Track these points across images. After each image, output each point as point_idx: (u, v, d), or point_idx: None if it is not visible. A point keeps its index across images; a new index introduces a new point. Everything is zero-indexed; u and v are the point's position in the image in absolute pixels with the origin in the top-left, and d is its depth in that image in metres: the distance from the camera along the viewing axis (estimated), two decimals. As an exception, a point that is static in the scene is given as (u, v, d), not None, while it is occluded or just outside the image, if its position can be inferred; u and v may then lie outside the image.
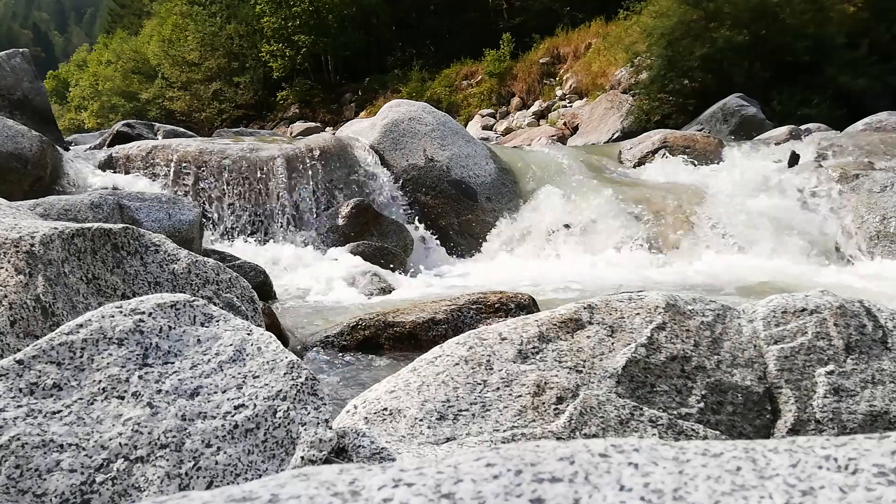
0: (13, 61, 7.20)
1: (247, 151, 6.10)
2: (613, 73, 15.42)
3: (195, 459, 1.05)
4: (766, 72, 11.28)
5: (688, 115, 11.61)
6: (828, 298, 1.46)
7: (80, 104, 39.50)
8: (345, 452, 1.19)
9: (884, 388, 1.36)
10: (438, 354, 1.45)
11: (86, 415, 1.07)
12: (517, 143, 13.70)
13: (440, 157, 6.48)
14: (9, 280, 1.62)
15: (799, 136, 7.59)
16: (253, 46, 25.92)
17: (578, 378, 1.35)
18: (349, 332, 2.95)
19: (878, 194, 5.34)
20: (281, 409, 1.13)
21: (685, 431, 1.30)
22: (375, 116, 7.32)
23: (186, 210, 4.07)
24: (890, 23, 11.26)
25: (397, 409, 1.35)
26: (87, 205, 3.63)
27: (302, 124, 19.97)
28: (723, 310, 1.48)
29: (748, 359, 1.40)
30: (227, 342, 1.21)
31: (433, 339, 2.78)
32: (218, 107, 27.26)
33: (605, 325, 1.44)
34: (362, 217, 5.71)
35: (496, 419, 1.30)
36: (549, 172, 6.97)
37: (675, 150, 7.19)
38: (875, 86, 10.63)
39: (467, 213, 6.30)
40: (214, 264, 2.07)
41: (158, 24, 31.24)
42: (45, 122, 7.20)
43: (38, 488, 0.98)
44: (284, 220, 5.85)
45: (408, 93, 20.24)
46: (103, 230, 1.87)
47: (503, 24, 21.87)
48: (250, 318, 2.07)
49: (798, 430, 1.33)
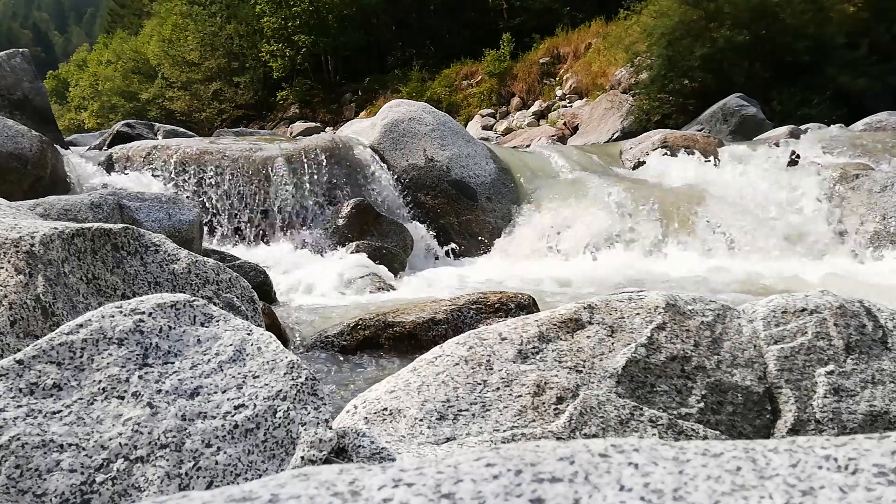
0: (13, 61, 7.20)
1: (247, 151, 6.10)
2: (613, 73, 15.42)
3: (195, 459, 1.05)
4: (766, 72, 11.28)
5: (688, 115, 11.61)
6: (828, 298, 1.46)
7: (80, 104, 39.50)
8: (345, 452, 1.19)
9: (884, 388, 1.36)
10: (438, 354, 1.45)
11: (86, 415, 1.07)
12: (517, 143, 13.70)
13: (440, 157, 6.48)
14: (9, 280, 1.62)
15: (799, 136, 7.59)
16: (253, 46, 25.93)
17: (578, 378, 1.35)
18: (349, 332, 2.95)
19: (878, 194, 5.34)
20: (281, 409, 1.13)
21: (685, 431, 1.30)
22: (375, 116, 7.32)
23: (186, 210, 4.07)
24: (890, 23, 11.26)
25: (397, 409, 1.35)
26: (87, 205, 3.62)
27: (302, 124, 19.97)
28: (723, 310, 1.48)
29: (748, 359, 1.40)
30: (227, 342, 1.21)
31: (433, 339, 2.78)
32: (218, 107, 27.27)
33: (605, 325, 1.44)
34: (362, 217, 5.71)
35: (496, 419, 1.30)
36: (548, 172, 6.97)
37: (675, 150, 7.19)
38: (875, 86, 10.63)
39: (467, 213, 6.30)
40: (214, 264, 2.07)
41: (158, 24, 31.24)
42: (45, 122, 7.20)
43: (38, 488, 0.98)
44: (284, 220, 5.85)
45: (408, 93, 20.23)
46: (103, 230, 1.87)
47: (503, 24, 21.87)
48: (250, 318, 2.07)
49: (798, 430, 1.33)
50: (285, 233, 5.81)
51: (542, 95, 18.59)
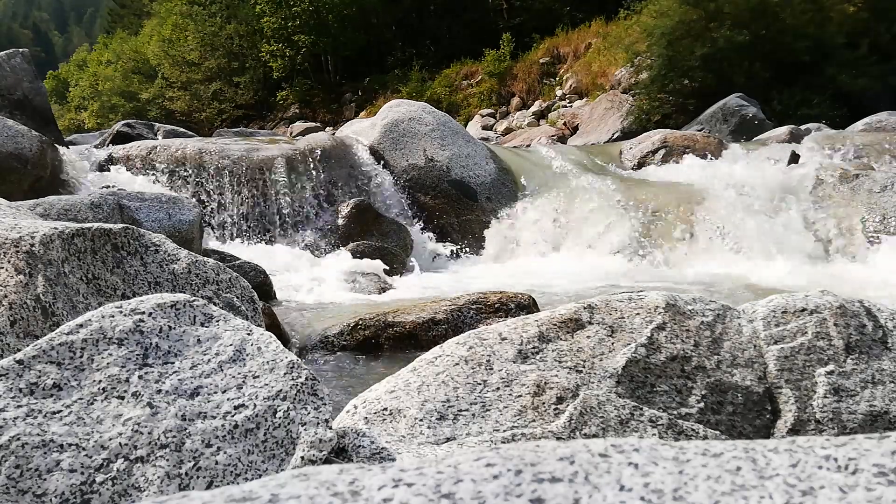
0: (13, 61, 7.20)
1: (247, 151, 6.10)
2: (613, 73, 15.42)
3: (195, 459, 1.05)
4: (766, 72, 11.28)
5: (688, 114, 11.61)
6: (828, 298, 1.46)
7: (80, 104, 39.50)
8: (345, 452, 1.19)
9: (884, 388, 1.36)
10: (438, 354, 1.45)
11: (86, 415, 1.07)
12: (517, 143, 13.70)
13: (440, 157, 6.48)
14: (9, 280, 1.62)
15: (799, 136, 7.59)
16: (253, 46, 25.92)
17: (578, 378, 1.35)
18: (349, 332, 2.95)
19: (878, 194, 5.35)
20: (281, 409, 1.13)
21: (685, 431, 1.30)
22: (375, 116, 7.32)
23: (186, 210, 4.07)
24: (890, 23, 11.26)
25: (397, 409, 1.35)
26: (87, 205, 3.62)
27: (302, 124, 19.95)
28: (723, 310, 1.48)
29: (748, 359, 1.40)
30: (227, 342, 1.21)
31: (433, 339, 2.78)
32: (218, 107, 27.26)
33: (605, 325, 1.44)
34: (362, 217, 5.71)
35: (496, 419, 1.30)
36: (548, 172, 6.97)
37: (676, 150, 7.19)
38: (875, 86, 10.63)
39: (467, 213, 6.30)
40: (214, 264, 2.07)
41: (158, 24, 31.24)
42: (45, 122, 7.19)
43: (38, 488, 0.98)
44: (284, 221, 5.85)
45: (408, 93, 20.22)
46: (103, 230, 1.87)
47: (503, 24, 21.87)
48: (250, 318, 2.07)
49: (798, 430, 1.33)
50: (285, 233, 5.81)
51: (542, 95, 18.59)
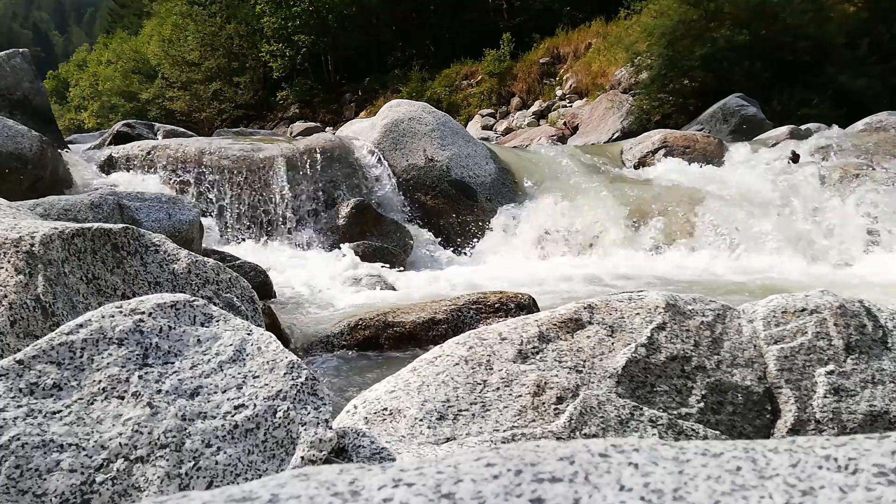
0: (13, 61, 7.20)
1: (247, 151, 6.10)
2: (613, 72, 15.42)
3: (195, 459, 1.05)
4: (767, 72, 11.28)
5: (688, 114, 11.60)
6: (828, 298, 1.46)
7: (80, 104, 39.48)
8: (345, 452, 1.19)
9: (884, 388, 1.35)
10: (438, 354, 1.45)
11: (86, 415, 1.07)
12: (517, 143, 13.69)
13: (440, 157, 6.48)
14: (9, 280, 1.62)
15: (799, 136, 7.59)
16: (253, 46, 25.91)
17: (578, 378, 1.35)
18: (349, 332, 2.95)
19: (878, 194, 5.35)
20: (281, 409, 1.12)
21: (685, 431, 1.30)
22: (375, 116, 7.32)
23: (186, 210, 4.07)
24: (890, 23, 11.25)
25: (397, 409, 1.35)
26: (87, 205, 3.62)
27: (302, 124, 19.94)
28: (723, 310, 1.48)
29: (748, 359, 1.40)
30: (227, 342, 1.21)
31: (433, 339, 2.78)
32: (218, 107, 27.25)
33: (605, 325, 1.44)
34: (362, 217, 5.71)
35: (496, 419, 1.30)
36: (548, 172, 6.96)
37: (675, 150, 7.19)
38: (875, 86, 10.62)
39: (467, 213, 6.30)
40: (214, 264, 2.07)
41: (158, 24, 31.22)
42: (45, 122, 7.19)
43: (38, 488, 0.98)
44: (285, 220, 5.85)
45: (408, 93, 20.21)
46: (103, 230, 1.87)
47: (503, 24, 21.86)
48: (250, 318, 2.07)
49: (798, 430, 1.33)
50: (285, 233, 5.81)
51: (542, 95, 18.58)
